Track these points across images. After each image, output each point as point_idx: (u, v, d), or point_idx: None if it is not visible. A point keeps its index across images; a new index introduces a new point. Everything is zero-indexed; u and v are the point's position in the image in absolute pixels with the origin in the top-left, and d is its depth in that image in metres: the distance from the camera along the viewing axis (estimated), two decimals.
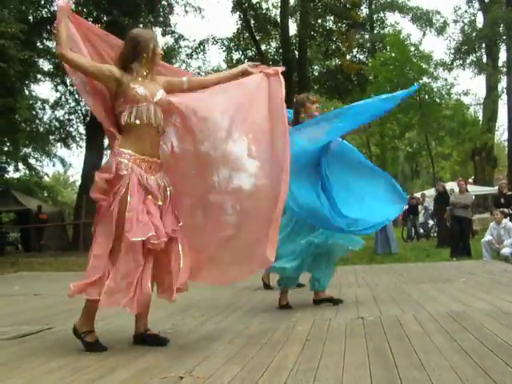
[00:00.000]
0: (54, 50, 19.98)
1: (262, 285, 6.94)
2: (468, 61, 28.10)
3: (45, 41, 19.69)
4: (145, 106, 3.53)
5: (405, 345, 3.28)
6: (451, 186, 16.59)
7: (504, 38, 25.33)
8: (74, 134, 22.96)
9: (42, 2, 19.00)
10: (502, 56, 26.89)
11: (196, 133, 3.69)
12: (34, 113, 21.97)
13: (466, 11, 28.96)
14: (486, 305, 4.67)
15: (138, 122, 3.51)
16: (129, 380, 2.76)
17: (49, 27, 19.21)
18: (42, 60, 20.03)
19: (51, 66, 20.45)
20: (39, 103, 22.70)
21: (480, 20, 28.24)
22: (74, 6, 15.01)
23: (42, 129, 22.57)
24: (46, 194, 28.40)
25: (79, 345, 3.63)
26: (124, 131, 3.56)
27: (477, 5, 28.39)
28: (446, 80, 22.10)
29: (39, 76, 20.71)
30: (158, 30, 21.39)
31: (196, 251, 3.64)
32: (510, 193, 13.09)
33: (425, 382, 2.49)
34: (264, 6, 24.51)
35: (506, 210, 11.65)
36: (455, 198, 12.67)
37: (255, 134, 3.70)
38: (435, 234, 18.59)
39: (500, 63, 26.97)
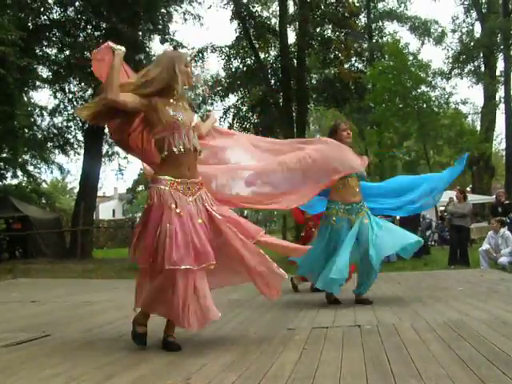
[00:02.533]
0: (53, 57, 20.01)
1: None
2: (466, 70, 28.23)
3: (44, 48, 19.73)
4: (185, 132, 3.61)
5: (402, 353, 3.28)
6: (450, 194, 16.56)
7: (501, 47, 25.44)
8: (72, 140, 22.94)
9: (42, 10, 19.04)
10: (500, 65, 27.05)
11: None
12: (32, 120, 21.97)
13: (463, 21, 29.15)
14: (484, 314, 4.66)
15: (180, 147, 3.59)
16: None
17: (47, 34, 19.25)
18: (40, 67, 20.04)
19: (50, 73, 20.47)
20: (37, 110, 22.72)
21: (478, 30, 28.44)
22: (73, 14, 14.89)
23: (40, 136, 22.56)
24: (43, 201, 28.35)
25: (76, 352, 3.63)
26: (163, 159, 3.64)
27: (474, 15, 28.54)
28: (444, 89, 22.18)
29: (38, 83, 20.70)
30: (156, 38, 21.45)
31: None
32: (507, 202, 13.11)
33: None
34: (264, 14, 24.60)
35: (503, 218, 11.66)
36: (453, 207, 12.67)
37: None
38: (433, 243, 18.58)
39: (498, 73, 27.10)
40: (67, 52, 19.63)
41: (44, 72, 20.65)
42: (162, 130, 3.60)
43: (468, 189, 27.34)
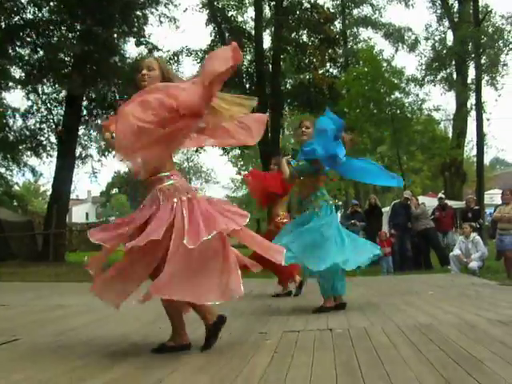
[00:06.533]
0: (26, 58, 19.77)
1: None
2: (438, 77, 28.57)
3: (17, 48, 19.50)
4: None
5: (372, 356, 3.32)
6: (421, 200, 16.73)
7: (472, 56, 25.84)
8: (44, 143, 22.62)
9: (15, 9, 18.81)
10: (471, 73, 27.39)
11: None
12: (4, 121, 21.64)
13: (436, 29, 29.49)
14: (453, 317, 4.74)
15: None
16: None
17: (21, 34, 19.02)
18: (13, 67, 19.78)
19: (23, 74, 20.22)
20: (10, 111, 22.39)
21: (450, 38, 28.80)
22: (47, 14, 14.74)
23: (12, 137, 22.24)
24: (15, 204, 27.95)
25: (46, 356, 3.60)
26: None
27: (447, 23, 28.93)
28: (417, 96, 22.44)
29: (10, 83, 20.42)
30: (131, 40, 21.34)
31: None
32: (477, 207, 13.35)
33: None
34: (239, 19, 24.64)
35: (473, 224, 11.84)
36: (412, 213, 12.88)
37: None
38: None
39: (469, 80, 27.48)
40: (41, 53, 19.43)
41: (17, 73, 20.39)
42: None
43: (440, 194, 27.61)
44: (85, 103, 21.50)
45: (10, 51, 19.07)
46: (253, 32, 23.28)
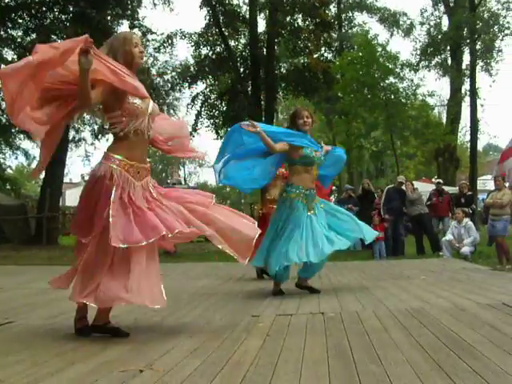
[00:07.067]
0: (18, 40, 19.58)
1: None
2: (433, 62, 28.53)
3: (9, 30, 19.30)
4: (142, 120, 3.64)
5: (364, 340, 3.34)
6: (414, 185, 16.75)
7: (467, 41, 25.78)
8: None
9: None
10: (466, 59, 27.38)
11: None
12: None
13: (431, 14, 29.38)
14: (444, 302, 4.77)
15: (134, 134, 3.63)
16: (88, 373, 2.75)
17: (14, 15, 18.81)
18: (5, 49, 19.60)
19: (15, 56, 20.01)
20: (1, 94, 22.19)
21: (445, 23, 28.71)
22: None
23: (4, 120, 22.08)
24: (8, 187, 27.86)
25: (39, 338, 3.61)
26: (117, 138, 3.65)
27: (442, 8, 28.81)
28: (411, 81, 22.38)
29: (3, 66, 20.23)
30: (125, 23, 21.16)
31: None
32: (469, 193, 13.40)
33: (381, 375, 2.55)
34: (234, 1, 24.45)
35: (466, 209, 11.90)
36: (407, 198, 12.87)
37: None
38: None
39: (464, 66, 27.45)
40: (33, 35, 19.25)
41: (9, 55, 20.19)
42: (119, 115, 3.61)
43: (434, 180, 27.68)
44: None
45: (2, 33, 18.88)
46: (247, 15, 23.12)
